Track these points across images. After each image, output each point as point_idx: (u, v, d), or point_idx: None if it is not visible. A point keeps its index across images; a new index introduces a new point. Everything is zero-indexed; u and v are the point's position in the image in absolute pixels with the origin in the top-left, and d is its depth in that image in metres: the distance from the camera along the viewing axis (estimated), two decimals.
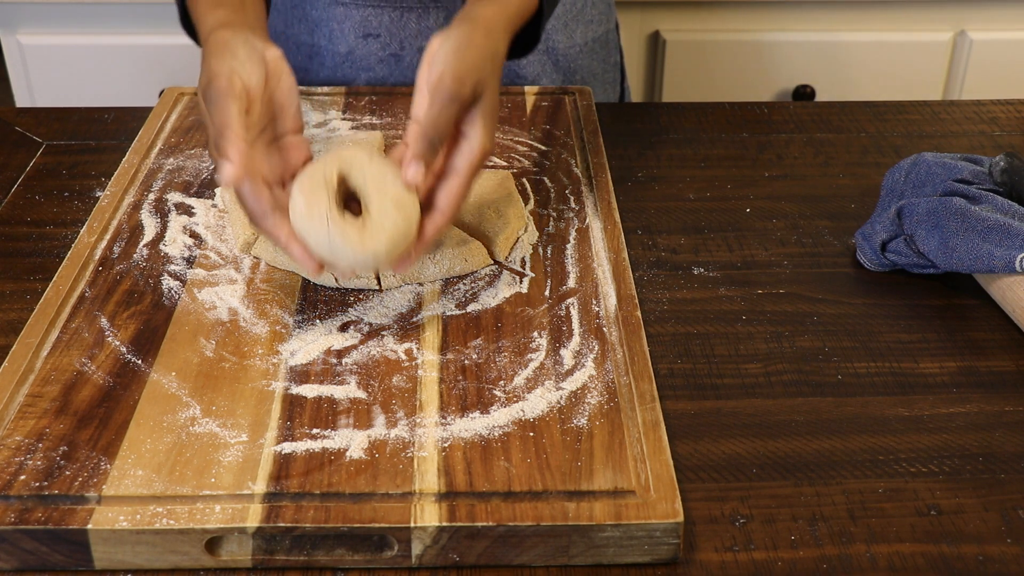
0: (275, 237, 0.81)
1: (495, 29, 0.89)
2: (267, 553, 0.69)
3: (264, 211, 0.81)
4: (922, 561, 0.70)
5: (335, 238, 0.79)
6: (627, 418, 0.76)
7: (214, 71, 0.82)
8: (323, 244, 0.79)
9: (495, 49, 0.87)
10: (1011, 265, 0.88)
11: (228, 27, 0.87)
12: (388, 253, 0.80)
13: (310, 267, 0.81)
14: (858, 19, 1.78)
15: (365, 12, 1.25)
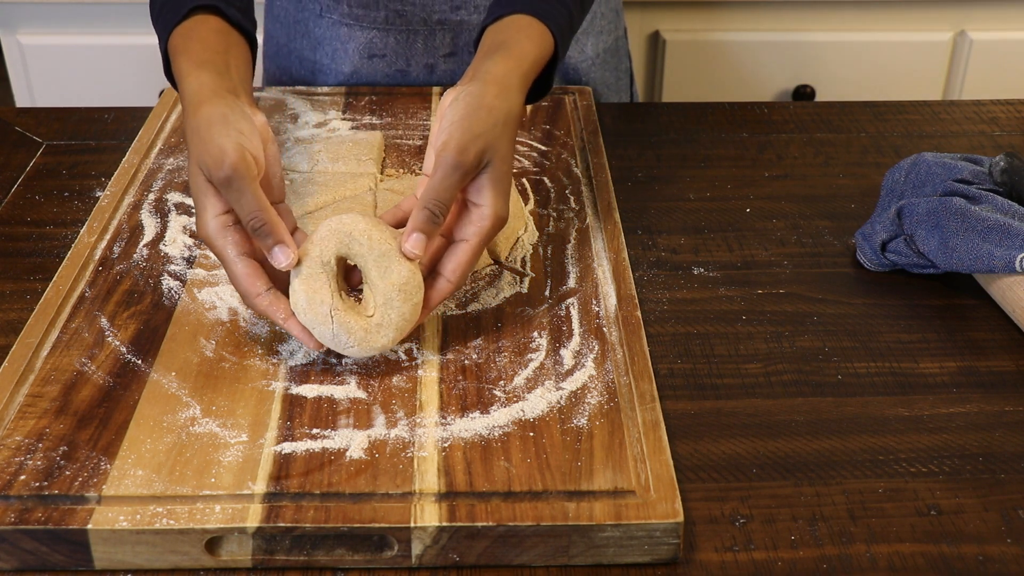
0: (271, 317, 0.80)
1: (510, 87, 0.86)
2: (267, 553, 0.69)
3: (259, 291, 0.80)
4: (922, 561, 0.70)
5: (340, 335, 0.78)
6: (627, 418, 0.76)
7: (224, 148, 0.79)
8: (327, 337, 0.79)
9: (508, 110, 0.84)
10: (1011, 265, 0.88)
11: (218, 96, 0.84)
12: (394, 342, 0.80)
13: (311, 346, 0.80)
14: (858, 19, 1.78)
15: (370, 34, 1.24)
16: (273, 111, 1.17)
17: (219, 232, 0.80)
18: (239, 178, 0.78)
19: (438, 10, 1.21)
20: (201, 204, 0.81)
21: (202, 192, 0.81)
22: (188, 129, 0.83)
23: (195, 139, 0.81)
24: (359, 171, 1.03)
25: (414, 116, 1.17)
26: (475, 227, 0.82)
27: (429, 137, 0.84)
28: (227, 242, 0.80)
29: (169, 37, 0.93)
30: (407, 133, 1.14)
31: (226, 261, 0.80)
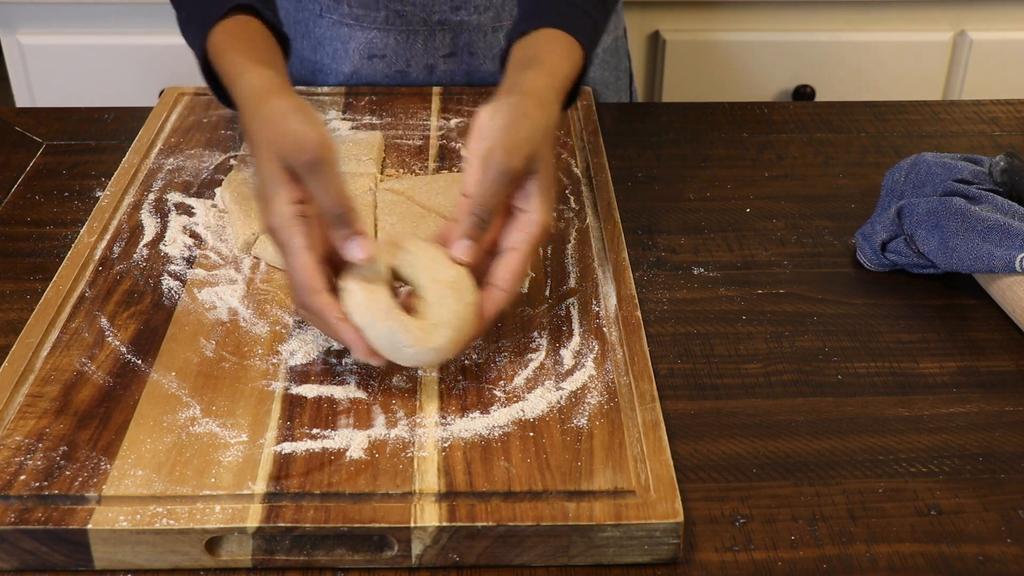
0: (325, 316, 0.76)
1: (547, 101, 0.85)
2: (267, 553, 0.69)
3: (318, 288, 0.76)
4: (922, 561, 0.70)
5: (398, 335, 0.75)
6: (627, 418, 0.76)
7: (307, 133, 0.76)
8: (383, 340, 0.75)
9: (548, 122, 0.84)
10: (1011, 265, 0.88)
11: (285, 90, 0.82)
12: (452, 344, 0.77)
13: (363, 353, 0.76)
14: (858, 19, 1.78)
15: (370, 34, 1.24)
16: None
17: (288, 220, 0.76)
18: (324, 162, 0.76)
19: (438, 10, 1.21)
20: (271, 192, 0.77)
21: (273, 180, 0.78)
22: (258, 120, 0.80)
23: (269, 128, 0.79)
24: (359, 171, 1.03)
25: (414, 116, 1.17)
26: (524, 234, 0.80)
27: (467, 154, 0.82)
28: (295, 232, 0.76)
29: (209, 35, 0.92)
30: (407, 133, 1.14)
31: (290, 251, 0.77)
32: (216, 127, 1.14)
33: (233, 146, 1.11)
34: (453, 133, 1.13)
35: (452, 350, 0.77)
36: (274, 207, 0.77)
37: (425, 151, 1.10)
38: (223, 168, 1.07)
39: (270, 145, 0.78)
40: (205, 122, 1.15)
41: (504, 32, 1.24)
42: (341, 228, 0.76)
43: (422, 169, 1.07)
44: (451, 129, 1.14)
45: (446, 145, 1.11)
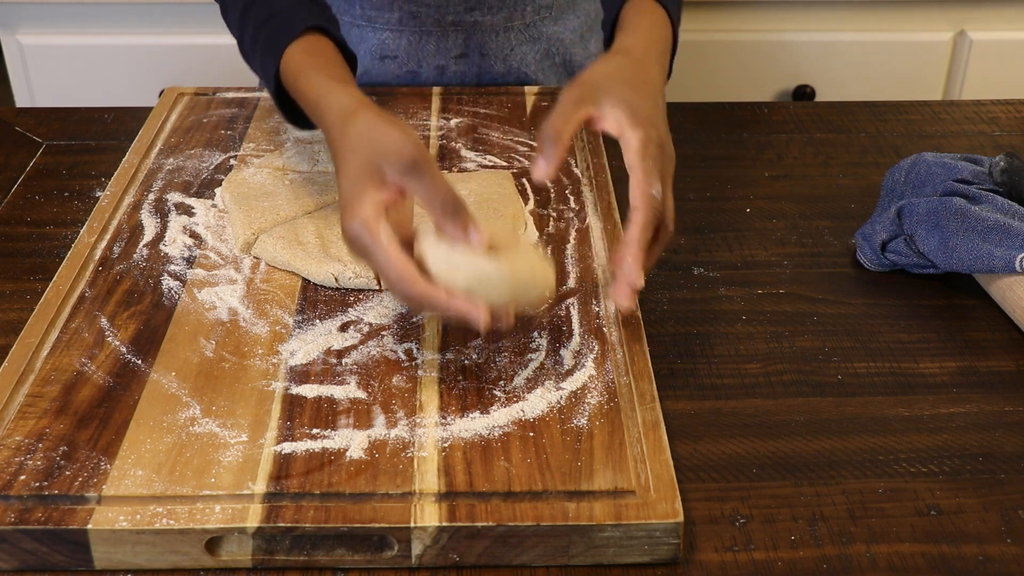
0: (433, 300, 0.74)
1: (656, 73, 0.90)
2: (267, 553, 0.69)
3: (416, 277, 0.75)
4: (922, 561, 0.70)
5: (512, 274, 0.74)
6: (627, 418, 0.76)
7: (405, 137, 0.78)
8: (501, 284, 0.74)
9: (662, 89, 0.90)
10: (1011, 265, 0.88)
11: (372, 105, 0.83)
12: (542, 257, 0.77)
13: (482, 319, 0.74)
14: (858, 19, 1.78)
15: (383, 36, 1.24)
16: (273, 111, 1.17)
17: (374, 220, 0.76)
18: (426, 162, 0.77)
19: (452, 11, 1.21)
20: (357, 194, 0.77)
21: (360, 185, 0.78)
22: (350, 133, 0.81)
23: (363, 138, 0.79)
24: None
25: (414, 116, 1.17)
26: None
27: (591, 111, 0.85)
28: (381, 229, 0.76)
29: (282, 56, 0.92)
30: None
31: (378, 247, 0.76)
32: (216, 127, 1.14)
33: (233, 146, 1.11)
34: (453, 133, 1.13)
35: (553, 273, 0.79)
36: (357, 209, 0.77)
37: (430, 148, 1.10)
38: (223, 168, 1.07)
39: (364, 153, 0.78)
40: (205, 122, 1.15)
41: (515, 32, 1.24)
42: (456, 219, 0.76)
43: None
44: (451, 129, 1.14)
45: (446, 145, 1.11)
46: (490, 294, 0.75)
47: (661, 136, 0.84)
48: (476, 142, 1.12)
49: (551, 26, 1.26)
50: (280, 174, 1.02)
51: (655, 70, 0.90)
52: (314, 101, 0.88)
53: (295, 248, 0.91)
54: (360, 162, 0.79)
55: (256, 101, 1.19)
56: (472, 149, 1.11)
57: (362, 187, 0.78)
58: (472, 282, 0.74)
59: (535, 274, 0.77)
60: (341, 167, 0.81)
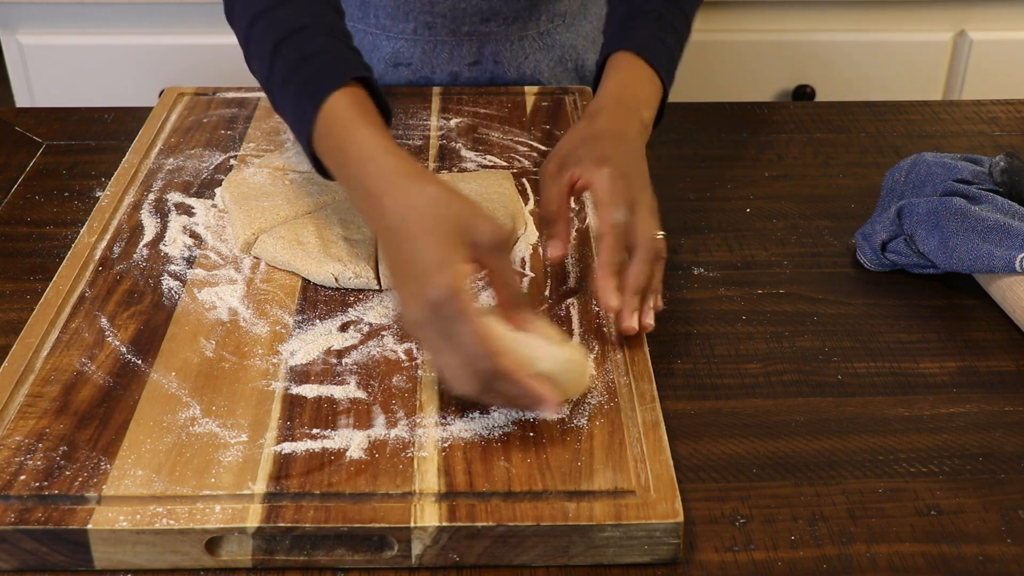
0: (514, 375, 0.72)
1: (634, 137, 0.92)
2: (267, 553, 0.69)
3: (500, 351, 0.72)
4: (922, 561, 0.70)
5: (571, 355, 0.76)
6: (627, 418, 0.76)
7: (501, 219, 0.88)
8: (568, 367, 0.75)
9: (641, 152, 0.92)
10: (1011, 265, 0.88)
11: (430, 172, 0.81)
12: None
13: (555, 402, 0.73)
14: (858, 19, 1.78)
15: (397, 44, 1.24)
16: (273, 111, 1.17)
17: (466, 289, 0.73)
18: (508, 245, 0.77)
19: (467, 22, 1.21)
20: (445, 261, 0.73)
21: (446, 251, 0.74)
22: (424, 197, 0.76)
23: (445, 206, 0.75)
24: None
25: (414, 116, 1.17)
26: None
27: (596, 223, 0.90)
28: (469, 301, 0.72)
29: (322, 106, 0.84)
30: (407, 133, 1.14)
31: (466, 319, 0.72)
32: (216, 127, 1.14)
33: (233, 146, 1.11)
34: (453, 133, 1.13)
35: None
36: (446, 275, 0.73)
37: (425, 151, 1.10)
38: (223, 168, 1.07)
39: (451, 222, 0.75)
40: (205, 122, 1.15)
41: (528, 41, 1.24)
42: (523, 307, 0.77)
43: None
44: (451, 129, 1.14)
45: (446, 145, 1.11)
46: (560, 381, 0.74)
47: (627, 170, 0.86)
48: (476, 142, 1.12)
49: (564, 33, 1.26)
50: (280, 174, 1.02)
51: (622, 123, 0.91)
52: (357, 159, 0.81)
53: (295, 248, 0.91)
54: (446, 230, 0.74)
55: (256, 101, 1.19)
56: (472, 149, 1.11)
57: (450, 255, 0.74)
58: (552, 367, 0.74)
59: (584, 365, 0.78)
60: (402, 231, 0.76)
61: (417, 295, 0.73)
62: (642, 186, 0.87)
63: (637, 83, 0.96)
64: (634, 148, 0.90)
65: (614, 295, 0.82)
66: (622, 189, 0.85)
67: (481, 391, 0.73)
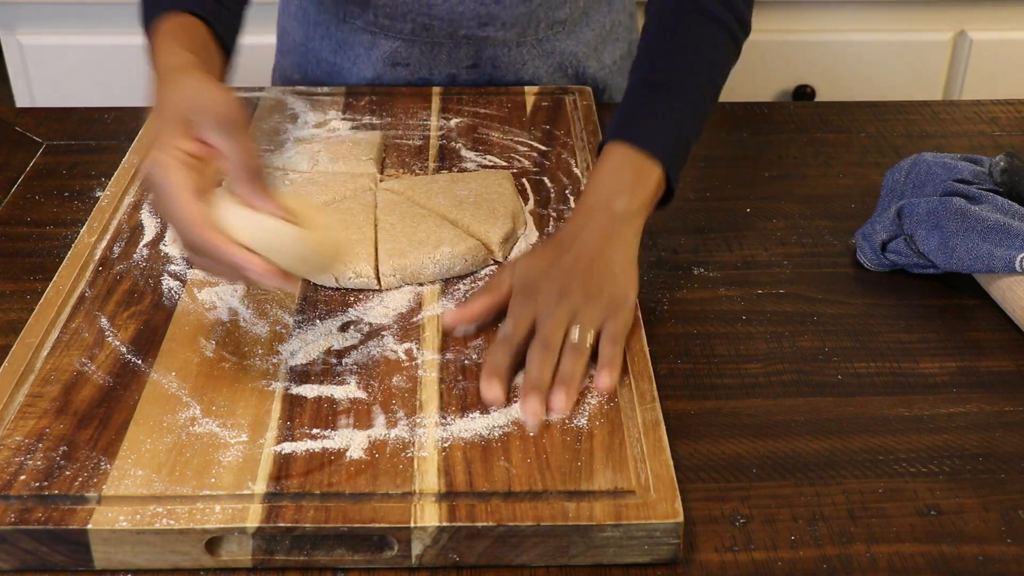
0: (215, 246, 0.75)
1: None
2: (267, 553, 0.69)
3: (208, 223, 0.76)
4: (922, 561, 0.70)
5: (295, 232, 0.76)
6: (627, 418, 0.76)
7: (227, 97, 0.80)
8: (292, 251, 0.75)
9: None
10: (1011, 265, 0.88)
11: (209, 73, 0.85)
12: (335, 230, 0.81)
13: (273, 277, 0.75)
14: (858, 19, 1.78)
15: (395, 44, 1.23)
16: (273, 111, 1.17)
17: (175, 163, 0.77)
18: (239, 122, 0.78)
19: (465, 25, 1.21)
20: (162, 137, 0.78)
21: (167, 131, 0.78)
22: (171, 86, 0.82)
23: (183, 92, 0.81)
24: (359, 171, 1.03)
25: (414, 116, 1.17)
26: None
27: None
28: (179, 174, 0.76)
29: (161, 17, 0.92)
30: (407, 133, 1.14)
31: (171, 191, 0.76)
32: None
33: None
34: (453, 133, 1.13)
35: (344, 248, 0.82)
36: (157, 153, 0.77)
37: (425, 151, 1.10)
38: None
39: (183, 104, 0.80)
40: None
41: (527, 47, 1.24)
42: (257, 183, 0.77)
43: (422, 169, 1.07)
44: (451, 129, 1.14)
45: (446, 145, 1.11)
46: (270, 253, 0.75)
47: (530, 281, 0.83)
48: (476, 142, 1.12)
49: (565, 40, 1.26)
50: (280, 174, 1.02)
51: (575, 227, 0.87)
52: (154, 57, 0.88)
53: None
54: (175, 110, 0.80)
55: (256, 101, 1.19)
56: (472, 149, 1.11)
57: (169, 132, 0.78)
58: (255, 237, 0.75)
59: (321, 244, 0.77)
60: (154, 113, 0.81)
61: (141, 165, 0.81)
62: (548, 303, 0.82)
63: (613, 174, 0.90)
64: (579, 250, 0.85)
65: (489, 389, 0.78)
66: (520, 300, 0.83)
67: (197, 261, 0.79)
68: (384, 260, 0.90)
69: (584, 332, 0.81)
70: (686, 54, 0.97)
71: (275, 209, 0.76)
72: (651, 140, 0.91)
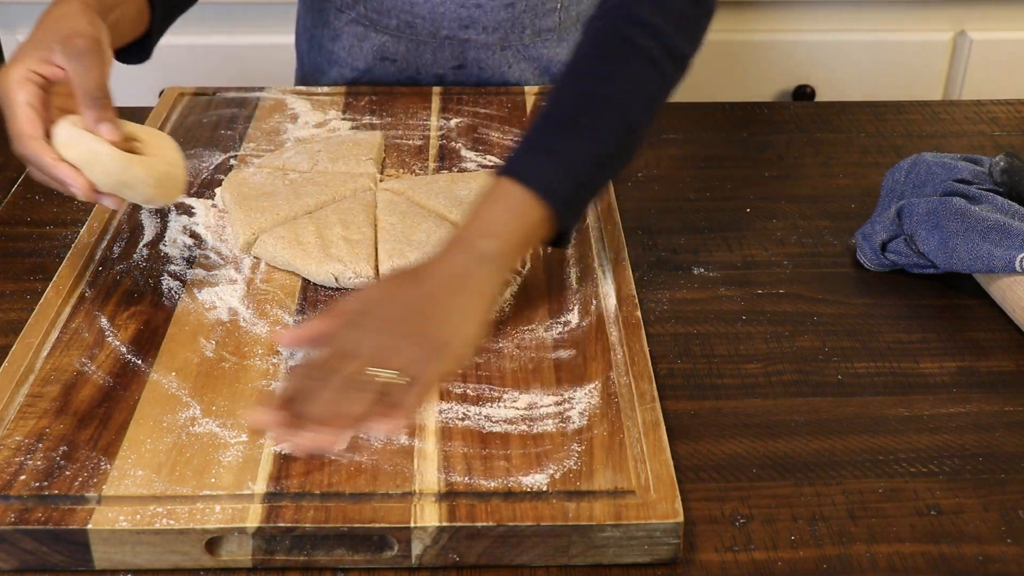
0: (40, 158, 0.81)
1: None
2: (267, 553, 0.69)
3: (35, 134, 0.81)
4: (922, 561, 0.70)
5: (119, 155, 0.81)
6: (627, 418, 0.76)
7: (87, 28, 0.84)
8: (103, 158, 0.81)
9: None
10: (1011, 265, 0.88)
11: (89, 7, 0.88)
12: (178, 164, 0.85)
13: (83, 191, 0.81)
14: (858, 19, 1.78)
15: (383, 38, 1.25)
16: (273, 111, 1.17)
17: (21, 80, 0.82)
18: (91, 52, 0.83)
19: (446, 27, 1.22)
20: (17, 57, 0.83)
21: (28, 51, 0.84)
22: (51, 13, 0.87)
23: (53, 19, 0.86)
24: (359, 171, 1.03)
25: (414, 116, 1.17)
26: None
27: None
28: (22, 89, 0.82)
29: None
30: (407, 133, 1.14)
31: (13, 103, 0.82)
32: (216, 127, 1.14)
33: (233, 146, 1.11)
34: (453, 133, 1.13)
35: (179, 182, 0.86)
36: (7, 70, 0.83)
37: (425, 151, 1.10)
38: (223, 168, 1.07)
39: (47, 31, 0.85)
40: (205, 122, 1.15)
41: (512, 51, 1.24)
42: (96, 110, 0.82)
43: (422, 169, 1.07)
44: (451, 129, 1.14)
45: (446, 145, 1.11)
46: (95, 174, 0.81)
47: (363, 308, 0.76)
48: (476, 142, 1.12)
49: (553, 48, 1.25)
50: (280, 174, 1.02)
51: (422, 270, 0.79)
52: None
53: (295, 248, 0.91)
54: (39, 35, 0.85)
55: (256, 101, 1.19)
56: (472, 149, 1.11)
57: (26, 54, 0.83)
58: (80, 157, 0.81)
59: (145, 172, 0.83)
60: (34, 32, 0.86)
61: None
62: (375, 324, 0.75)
63: (487, 211, 0.82)
64: (422, 287, 0.77)
65: (254, 413, 0.73)
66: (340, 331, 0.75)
67: (32, 173, 0.84)
68: (384, 260, 0.90)
69: (389, 372, 0.72)
70: (605, 92, 0.86)
71: (110, 133, 0.82)
72: (539, 179, 0.82)
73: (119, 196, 0.83)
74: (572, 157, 0.84)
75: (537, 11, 1.22)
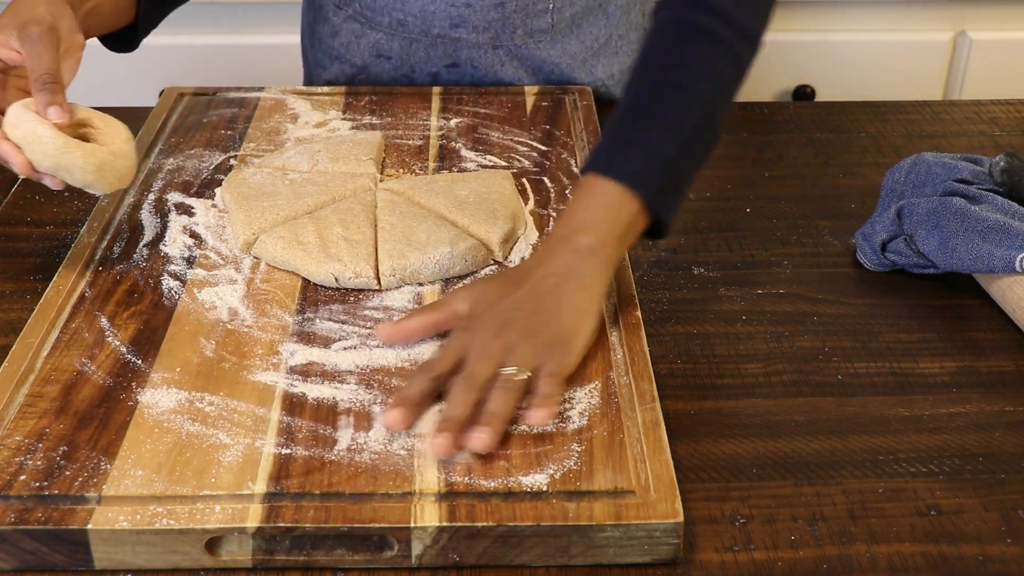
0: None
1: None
2: (267, 553, 0.69)
3: None
4: (922, 561, 0.70)
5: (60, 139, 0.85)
6: (627, 418, 0.76)
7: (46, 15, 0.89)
8: (44, 139, 0.85)
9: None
10: (1011, 265, 0.88)
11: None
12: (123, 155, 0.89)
13: (22, 168, 0.86)
14: (858, 19, 1.78)
15: (378, 35, 1.25)
16: (273, 111, 1.17)
17: None
18: (46, 36, 0.88)
19: (437, 25, 1.23)
20: None
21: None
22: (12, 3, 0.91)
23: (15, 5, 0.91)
24: (359, 171, 1.03)
25: (414, 116, 1.17)
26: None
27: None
28: None
29: None
30: (407, 133, 1.14)
31: None
32: (216, 127, 1.14)
33: (233, 146, 1.11)
34: (453, 133, 1.13)
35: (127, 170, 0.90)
36: None
37: (425, 151, 1.10)
38: (223, 168, 1.07)
39: (8, 15, 0.90)
40: (205, 122, 1.15)
41: (504, 51, 1.24)
42: (46, 93, 0.86)
43: (422, 169, 1.07)
44: (451, 129, 1.14)
45: (446, 145, 1.11)
46: (34, 154, 0.86)
47: (476, 312, 0.79)
48: (476, 142, 1.12)
49: (547, 49, 1.25)
50: (280, 174, 1.02)
51: (531, 263, 0.83)
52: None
53: (295, 248, 0.91)
54: (2, 22, 0.90)
55: (256, 101, 1.19)
56: (472, 149, 1.11)
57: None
58: (22, 137, 0.85)
59: (85, 158, 0.86)
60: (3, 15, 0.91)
61: None
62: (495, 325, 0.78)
63: (581, 207, 0.85)
64: (532, 286, 0.81)
65: (388, 415, 0.74)
66: (455, 334, 0.79)
67: None
68: (384, 260, 0.90)
69: (516, 370, 0.76)
70: (678, 79, 0.88)
71: (57, 116, 0.86)
72: (626, 171, 0.84)
73: (59, 178, 0.87)
74: (654, 146, 0.85)
75: (528, 12, 1.22)
